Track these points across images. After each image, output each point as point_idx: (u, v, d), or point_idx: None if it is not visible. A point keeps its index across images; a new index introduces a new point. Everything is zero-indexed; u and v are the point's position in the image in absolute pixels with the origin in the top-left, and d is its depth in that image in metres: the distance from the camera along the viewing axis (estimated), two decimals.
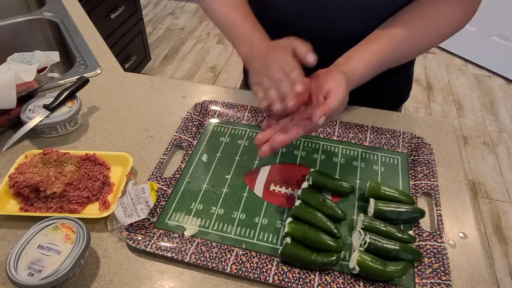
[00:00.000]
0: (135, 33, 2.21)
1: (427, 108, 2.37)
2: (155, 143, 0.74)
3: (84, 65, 0.94)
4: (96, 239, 0.58)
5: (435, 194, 0.63)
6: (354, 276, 0.53)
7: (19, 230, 0.59)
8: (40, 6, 1.22)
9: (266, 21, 0.77)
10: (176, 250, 0.55)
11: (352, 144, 0.74)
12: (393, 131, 0.75)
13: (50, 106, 0.73)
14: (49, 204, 0.60)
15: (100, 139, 0.75)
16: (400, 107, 0.95)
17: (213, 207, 0.62)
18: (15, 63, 0.84)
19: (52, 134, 0.74)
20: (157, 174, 0.65)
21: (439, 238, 0.57)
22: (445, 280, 0.52)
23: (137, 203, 0.57)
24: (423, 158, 0.69)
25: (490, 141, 2.15)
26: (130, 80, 0.90)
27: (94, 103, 0.83)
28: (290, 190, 0.66)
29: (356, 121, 0.78)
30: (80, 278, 0.53)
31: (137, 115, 0.80)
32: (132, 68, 2.21)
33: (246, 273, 0.52)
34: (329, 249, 0.54)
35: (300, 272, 0.53)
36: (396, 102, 0.92)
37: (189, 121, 0.76)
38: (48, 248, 0.51)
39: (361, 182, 0.67)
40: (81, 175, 0.63)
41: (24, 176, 0.61)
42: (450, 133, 0.77)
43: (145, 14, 3.22)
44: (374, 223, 0.57)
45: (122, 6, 2.01)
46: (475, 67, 2.70)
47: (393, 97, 0.90)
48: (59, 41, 1.13)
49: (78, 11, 1.16)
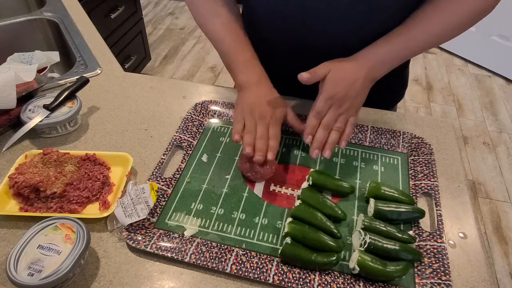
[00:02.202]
0: (135, 33, 2.21)
1: (427, 108, 2.37)
2: (155, 143, 0.74)
3: (84, 65, 0.94)
4: (96, 239, 0.58)
5: (435, 194, 0.63)
6: (354, 276, 0.53)
7: (19, 230, 0.59)
8: (40, 6, 1.22)
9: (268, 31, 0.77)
10: (176, 250, 0.55)
11: (352, 144, 0.74)
12: (393, 131, 0.75)
13: (50, 106, 0.73)
14: (49, 204, 0.60)
15: (100, 139, 0.75)
16: (395, 106, 0.94)
17: (213, 207, 0.62)
18: (15, 63, 0.84)
19: (52, 134, 0.74)
20: (157, 174, 0.65)
21: (439, 238, 0.57)
22: (445, 280, 0.52)
23: (137, 203, 0.57)
24: (423, 158, 0.69)
25: (490, 141, 2.15)
26: (130, 80, 0.90)
27: (94, 103, 0.83)
28: (290, 190, 0.66)
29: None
30: (80, 278, 0.53)
31: (137, 115, 0.80)
32: (132, 68, 2.21)
33: (246, 273, 0.52)
34: (329, 249, 0.54)
35: (300, 272, 0.53)
36: (391, 100, 0.92)
37: (189, 121, 0.76)
38: (48, 248, 0.51)
39: (361, 182, 0.67)
40: (81, 175, 0.63)
41: (24, 176, 0.61)
42: (450, 133, 0.77)
43: (145, 14, 3.22)
44: (374, 223, 0.57)
45: (122, 6, 2.01)
46: (475, 67, 2.70)
47: (388, 96, 0.90)
48: (59, 41, 1.13)
49: (78, 11, 1.16)
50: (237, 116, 0.66)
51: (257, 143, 0.62)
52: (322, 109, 0.64)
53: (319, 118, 0.64)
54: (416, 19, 0.67)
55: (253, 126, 0.64)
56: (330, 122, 0.64)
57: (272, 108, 0.66)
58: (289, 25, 0.74)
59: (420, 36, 0.66)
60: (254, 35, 0.80)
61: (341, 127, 0.64)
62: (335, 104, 0.63)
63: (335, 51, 0.71)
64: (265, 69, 0.74)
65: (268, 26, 0.77)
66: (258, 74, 0.70)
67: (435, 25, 0.65)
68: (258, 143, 0.62)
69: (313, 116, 0.64)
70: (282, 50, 0.80)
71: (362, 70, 0.64)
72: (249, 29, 0.85)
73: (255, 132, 0.64)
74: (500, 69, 2.60)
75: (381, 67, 0.66)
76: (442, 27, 0.65)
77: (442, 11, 0.65)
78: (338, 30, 0.71)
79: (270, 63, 0.85)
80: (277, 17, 0.74)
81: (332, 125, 0.64)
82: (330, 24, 0.70)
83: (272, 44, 0.80)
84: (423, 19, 0.66)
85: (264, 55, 0.83)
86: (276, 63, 0.83)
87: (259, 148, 0.62)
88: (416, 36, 0.66)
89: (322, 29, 0.71)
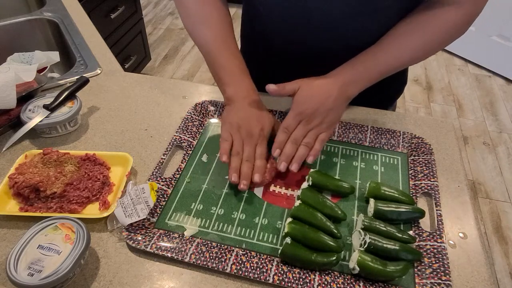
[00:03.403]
0: (135, 33, 2.21)
1: (427, 108, 2.37)
2: (155, 143, 0.74)
3: (84, 65, 0.94)
4: (96, 239, 0.58)
5: (435, 194, 0.63)
6: (354, 276, 0.53)
7: (19, 230, 0.59)
8: (40, 6, 1.22)
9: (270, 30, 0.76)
10: (176, 250, 0.55)
11: (352, 144, 0.74)
12: (393, 131, 0.75)
13: (50, 106, 0.73)
14: (49, 204, 0.60)
15: (100, 139, 0.75)
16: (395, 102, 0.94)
17: (213, 207, 0.62)
18: (15, 63, 0.84)
19: (52, 134, 0.74)
20: (157, 174, 0.65)
21: (439, 238, 0.57)
22: (445, 280, 0.52)
23: (137, 203, 0.57)
24: (423, 158, 0.69)
25: (490, 141, 2.15)
26: (130, 80, 0.90)
27: (94, 103, 0.83)
28: (290, 190, 0.66)
29: (356, 121, 0.78)
30: (80, 278, 0.53)
31: (137, 115, 0.80)
32: (132, 68, 2.21)
33: (246, 273, 0.52)
34: (329, 249, 0.54)
35: (300, 272, 0.53)
36: (391, 96, 0.92)
37: (189, 121, 0.76)
38: (48, 248, 0.51)
39: (361, 182, 0.67)
40: (81, 175, 0.63)
41: (24, 176, 0.61)
42: (450, 133, 0.77)
43: (145, 14, 3.22)
44: (374, 223, 0.57)
45: (122, 6, 2.01)
46: (475, 67, 2.70)
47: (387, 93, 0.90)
48: (59, 41, 1.13)
49: (78, 11, 1.16)
50: (224, 133, 0.67)
51: (242, 168, 0.63)
52: (290, 124, 0.66)
53: (287, 133, 0.66)
54: (392, 38, 0.67)
55: (240, 146, 0.65)
56: (298, 137, 0.65)
57: (259, 124, 0.67)
58: (291, 25, 0.73)
59: (395, 55, 0.67)
60: (255, 35, 0.80)
61: (309, 142, 0.65)
62: (304, 120, 0.65)
63: (337, 52, 0.71)
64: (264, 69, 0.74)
65: (269, 25, 0.77)
66: (247, 88, 0.70)
67: (411, 44, 0.66)
68: (244, 168, 0.63)
69: (281, 131, 0.66)
70: (283, 50, 0.79)
71: (334, 88, 0.65)
72: (250, 28, 0.84)
73: (242, 151, 0.65)
74: (500, 69, 2.60)
75: (355, 86, 0.66)
76: (418, 46, 0.66)
77: (418, 31, 0.66)
78: (341, 31, 0.71)
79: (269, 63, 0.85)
80: (279, 17, 0.74)
81: (300, 140, 0.65)
82: (332, 25, 0.70)
83: (273, 43, 0.80)
84: (400, 38, 0.67)
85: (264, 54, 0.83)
86: (276, 63, 0.83)
87: (244, 174, 0.63)
88: (392, 55, 0.67)
89: (324, 29, 0.71)
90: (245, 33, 0.89)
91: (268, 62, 0.85)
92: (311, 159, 0.65)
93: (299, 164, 0.64)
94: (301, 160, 0.64)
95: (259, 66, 0.87)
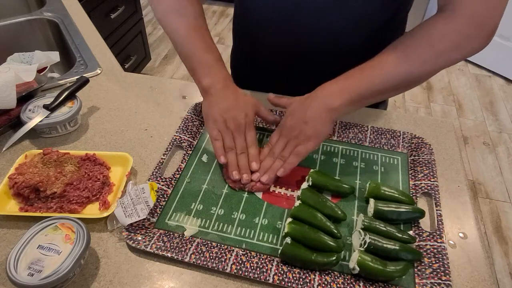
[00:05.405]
0: (135, 33, 2.21)
1: (427, 108, 2.37)
2: (155, 143, 0.74)
3: (84, 65, 0.94)
4: (96, 239, 0.58)
5: (435, 194, 0.63)
6: (354, 276, 0.53)
7: (19, 230, 0.59)
8: (40, 6, 1.22)
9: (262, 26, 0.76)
10: (176, 250, 0.55)
11: (352, 144, 0.74)
12: (393, 131, 0.75)
13: (50, 106, 0.73)
14: (49, 204, 0.60)
15: (100, 139, 0.75)
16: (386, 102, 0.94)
17: (213, 207, 0.62)
18: (15, 63, 0.84)
19: (52, 134, 0.74)
20: (157, 174, 0.65)
21: (439, 238, 0.57)
22: (445, 280, 0.52)
23: (137, 203, 0.57)
24: (423, 158, 0.69)
25: (490, 141, 2.15)
26: (130, 80, 0.90)
27: (94, 103, 0.83)
28: (290, 190, 0.66)
29: (356, 121, 0.78)
30: (80, 278, 0.53)
31: (137, 115, 0.80)
32: (132, 68, 2.21)
33: (246, 273, 0.52)
34: (329, 249, 0.54)
35: (300, 272, 0.53)
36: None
37: (189, 121, 0.76)
38: (48, 248, 0.51)
39: (361, 182, 0.67)
40: (81, 175, 0.63)
41: (24, 176, 0.61)
42: (450, 133, 0.77)
43: (145, 14, 3.21)
44: (374, 223, 0.57)
45: (122, 6, 2.01)
46: (475, 67, 2.70)
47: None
48: (59, 41, 1.13)
49: (78, 11, 1.16)
50: (212, 131, 0.67)
51: (239, 162, 0.65)
52: (272, 138, 0.68)
53: (269, 147, 0.68)
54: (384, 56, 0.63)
55: (231, 141, 0.66)
56: (276, 150, 0.67)
57: (242, 112, 0.67)
58: (284, 21, 0.74)
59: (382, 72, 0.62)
60: (247, 32, 0.80)
61: (284, 155, 0.65)
62: (283, 134, 0.67)
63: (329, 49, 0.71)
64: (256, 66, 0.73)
65: (262, 21, 0.77)
66: (223, 77, 0.69)
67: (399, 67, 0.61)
68: (241, 161, 0.65)
69: (266, 146, 0.68)
70: (275, 46, 0.79)
71: (315, 99, 0.64)
72: (242, 26, 0.84)
73: (235, 146, 0.66)
74: (500, 69, 2.60)
75: (336, 98, 0.63)
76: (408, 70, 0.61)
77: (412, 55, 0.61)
78: (333, 27, 0.71)
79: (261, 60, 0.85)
80: (272, 12, 0.74)
81: (277, 153, 0.66)
82: (325, 20, 0.71)
83: (265, 40, 0.80)
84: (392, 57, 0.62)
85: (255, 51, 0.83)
86: (268, 60, 0.83)
87: (243, 166, 0.65)
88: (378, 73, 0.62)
89: (316, 24, 0.72)
90: (237, 30, 0.89)
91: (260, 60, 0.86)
92: (281, 172, 0.64)
93: (269, 176, 0.64)
94: (273, 172, 0.65)
95: (251, 63, 0.87)
